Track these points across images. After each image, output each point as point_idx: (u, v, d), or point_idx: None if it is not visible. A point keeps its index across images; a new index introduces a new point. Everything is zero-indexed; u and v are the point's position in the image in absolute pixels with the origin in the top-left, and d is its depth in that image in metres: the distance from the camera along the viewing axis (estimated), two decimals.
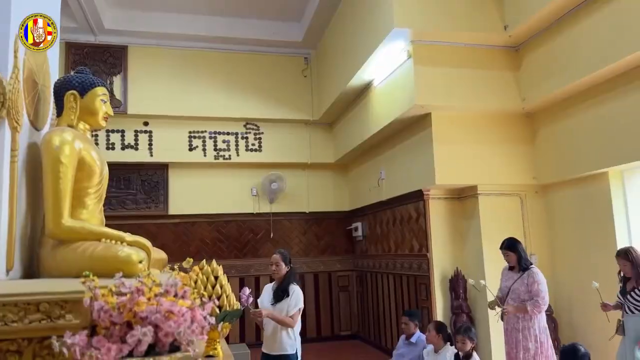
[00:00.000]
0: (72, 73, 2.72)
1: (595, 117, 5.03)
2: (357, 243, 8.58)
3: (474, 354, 4.14)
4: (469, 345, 4.12)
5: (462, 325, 4.34)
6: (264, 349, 4.12)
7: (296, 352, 4.05)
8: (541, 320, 4.42)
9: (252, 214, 8.35)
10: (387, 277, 7.24)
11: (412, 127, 6.20)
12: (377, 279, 7.65)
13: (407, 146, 6.39)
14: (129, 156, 7.67)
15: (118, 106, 7.48)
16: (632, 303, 4.13)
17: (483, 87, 5.62)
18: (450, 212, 6.15)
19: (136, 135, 7.75)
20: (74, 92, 2.59)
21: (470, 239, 5.93)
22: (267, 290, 4.25)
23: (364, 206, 7.98)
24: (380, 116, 6.45)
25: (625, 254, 4.28)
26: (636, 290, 4.13)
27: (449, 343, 4.81)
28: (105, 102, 2.70)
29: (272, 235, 8.41)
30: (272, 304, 4.04)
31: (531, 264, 4.59)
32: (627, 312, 4.19)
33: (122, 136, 7.69)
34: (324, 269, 8.65)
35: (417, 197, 6.19)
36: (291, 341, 4.00)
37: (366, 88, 6.87)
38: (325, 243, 8.72)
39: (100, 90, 2.67)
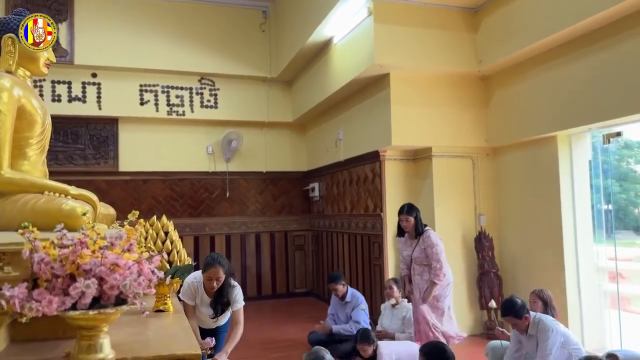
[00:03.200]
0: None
1: (546, 82, 5.15)
2: (314, 203, 8.63)
3: (377, 353, 4.16)
4: (370, 350, 4.13)
5: (359, 333, 4.32)
6: (202, 325, 3.98)
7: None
8: (444, 279, 4.51)
9: (208, 172, 8.22)
10: (342, 236, 7.35)
11: (370, 87, 6.18)
12: (332, 238, 7.76)
13: (365, 107, 6.39)
14: (77, 109, 7.33)
15: (64, 56, 7.07)
16: None
17: (441, 48, 5.63)
18: (405, 173, 6.24)
19: (84, 88, 7.38)
20: (12, 35, 2.43)
21: (423, 199, 6.06)
22: (198, 290, 3.80)
23: (321, 167, 8.00)
24: (339, 75, 6.39)
25: (538, 294, 4.29)
26: None
27: (405, 299, 4.97)
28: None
29: (228, 194, 8.34)
30: (211, 318, 3.77)
31: (426, 228, 4.65)
32: None
33: (69, 88, 7.32)
34: (280, 229, 8.69)
35: (374, 158, 6.24)
36: None
37: (326, 45, 6.75)
38: (281, 203, 8.73)
39: None
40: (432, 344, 3.32)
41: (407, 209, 4.68)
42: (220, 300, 3.73)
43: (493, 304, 4.49)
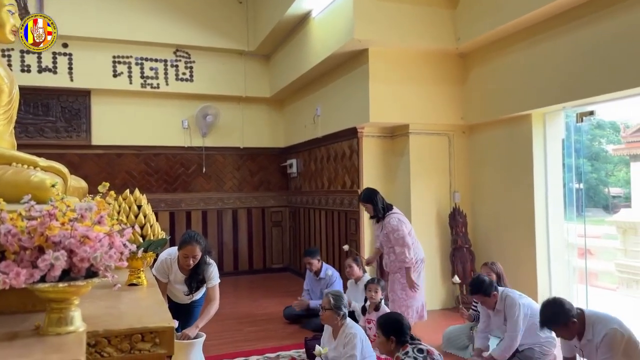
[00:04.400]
0: None
1: (521, 60, 5.18)
2: (292, 180, 8.62)
3: (383, 304, 4.26)
4: (379, 295, 4.21)
5: (375, 277, 4.46)
6: (175, 300, 4.06)
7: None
8: (414, 255, 4.54)
9: (183, 147, 8.11)
10: (319, 212, 7.38)
11: (349, 63, 6.13)
12: (309, 214, 7.79)
13: (343, 83, 6.35)
14: (47, 80, 7.10)
15: None
16: None
17: (420, 24, 5.60)
18: (382, 150, 6.27)
19: (54, 58, 7.14)
20: None
21: (400, 176, 6.11)
22: (172, 267, 3.79)
23: (299, 143, 7.96)
24: (317, 50, 6.32)
25: (492, 264, 4.36)
26: None
27: (366, 273, 5.04)
28: (12, 13, 2.45)
29: (204, 170, 8.26)
30: (186, 295, 3.80)
31: (389, 211, 4.63)
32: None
33: (39, 58, 7.07)
34: (257, 205, 8.67)
35: (352, 134, 6.24)
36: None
37: (304, 19, 6.65)
38: (259, 179, 8.70)
39: (6, 0, 2.41)
40: (387, 315, 3.35)
41: (363, 197, 4.68)
42: (195, 278, 3.73)
43: (456, 279, 4.56)
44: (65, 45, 7.18)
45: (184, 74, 7.82)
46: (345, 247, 5.48)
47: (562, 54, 4.70)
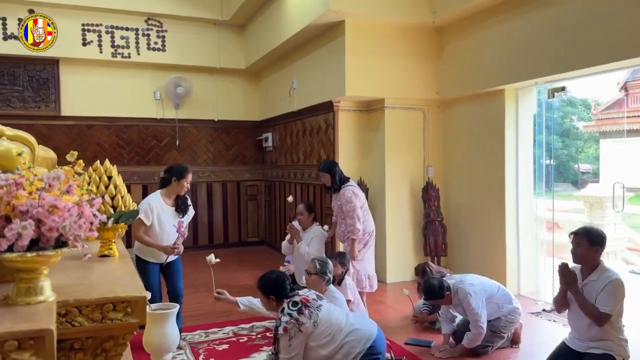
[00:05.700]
0: None
1: (496, 35, 5.21)
2: (267, 153, 8.58)
3: (346, 277, 4.34)
4: (340, 270, 4.30)
5: (336, 253, 4.57)
6: (154, 260, 4.23)
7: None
8: (363, 227, 4.65)
9: (156, 119, 7.97)
10: (295, 186, 7.39)
11: (325, 35, 6.07)
12: (285, 188, 7.79)
13: (319, 55, 6.29)
14: (13, 48, 6.81)
15: None
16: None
17: None
18: (358, 124, 6.27)
19: (21, 24, 6.86)
20: None
21: (375, 150, 6.14)
22: (160, 204, 4.20)
23: (274, 116, 7.90)
24: (294, 21, 6.22)
25: (422, 272, 4.39)
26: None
27: (315, 222, 5.10)
28: None
29: (177, 142, 8.14)
30: (180, 219, 4.17)
31: (345, 183, 4.71)
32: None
33: (4, 25, 6.77)
34: (232, 178, 8.63)
35: (327, 108, 6.22)
36: None
37: None
38: (234, 152, 8.63)
39: None
40: (264, 276, 3.34)
41: (322, 166, 4.83)
42: (184, 202, 4.29)
43: (406, 291, 4.56)
44: (31, 11, 6.86)
45: (155, 43, 7.63)
46: (289, 199, 5.54)
47: (535, 29, 4.74)
